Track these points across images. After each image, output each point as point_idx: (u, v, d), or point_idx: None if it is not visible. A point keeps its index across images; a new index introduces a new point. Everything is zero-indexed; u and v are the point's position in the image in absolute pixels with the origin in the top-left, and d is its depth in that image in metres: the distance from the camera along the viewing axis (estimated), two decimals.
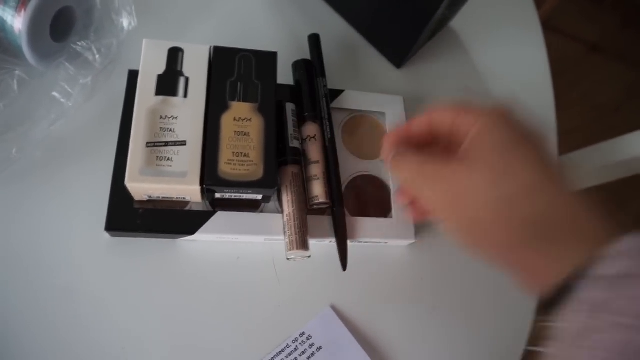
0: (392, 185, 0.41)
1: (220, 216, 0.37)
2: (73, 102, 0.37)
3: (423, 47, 0.49)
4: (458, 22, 0.51)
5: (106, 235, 0.36)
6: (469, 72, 0.50)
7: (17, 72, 0.36)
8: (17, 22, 0.34)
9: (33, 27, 0.34)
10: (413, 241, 0.40)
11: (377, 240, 0.40)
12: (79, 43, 0.37)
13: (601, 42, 1.62)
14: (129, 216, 0.35)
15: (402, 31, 0.44)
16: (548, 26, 1.68)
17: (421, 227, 0.42)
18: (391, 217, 0.40)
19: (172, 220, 0.36)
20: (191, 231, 0.36)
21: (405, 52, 0.46)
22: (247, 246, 0.38)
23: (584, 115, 1.49)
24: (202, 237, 0.37)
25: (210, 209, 0.37)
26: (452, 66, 0.50)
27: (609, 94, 1.54)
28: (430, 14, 0.41)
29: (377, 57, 0.48)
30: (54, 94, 0.37)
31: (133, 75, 0.38)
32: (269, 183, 0.34)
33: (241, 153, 0.34)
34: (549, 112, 0.51)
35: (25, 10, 0.34)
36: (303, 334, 0.37)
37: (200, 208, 0.37)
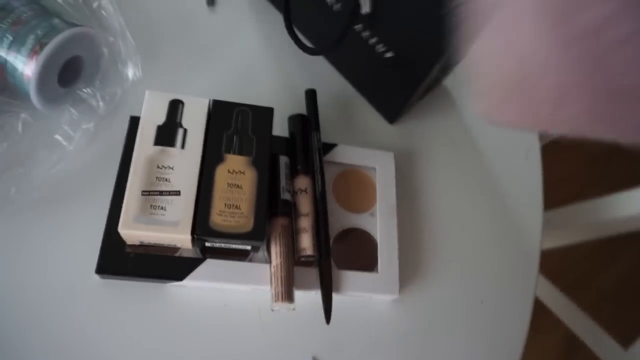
0: (379, 239, 0.42)
1: (210, 264, 0.38)
2: (74, 145, 0.38)
3: (416, 104, 0.50)
4: (451, 80, 0.53)
5: (96, 277, 0.37)
6: (460, 129, 0.52)
7: (22, 115, 0.37)
8: (28, 69, 0.36)
9: (42, 74, 0.36)
10: (397, 297, 0.41)
11: (361, 294, 0.40)
12: (85, 90, 0.39)
13: None
14: (120, 260, 0.36)
15: (395, 90, 0.46)
16: None
17: (404, 282, 0.43)
18: (377, 271, 0.41)
19: (162, 265, 0.37)
20: (180, 277, 0.37)
21: (398, 109, 0.47)
22: (234, 294, 0.39)
23: (577, 163, 1.52)
24: (191, 283, 0.38)
25: (199, 256, 0.38)
26: (444, 123, 0.51)
27: (602, 143, 1.56)
28: (422, 77, 0.42)
29: (371, 113, 0.50)
30: (57, 136, 0.38)
31: (134, 121, 0.39)
32: (258, 236, 0.35)
33: (233, 205, 0.36)
34: (536, 171, 0.52)
35: (36, 58, 0.35)
36: None
37: (190, 254, 0.38)
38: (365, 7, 0.40)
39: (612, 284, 1.35)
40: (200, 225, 0.34)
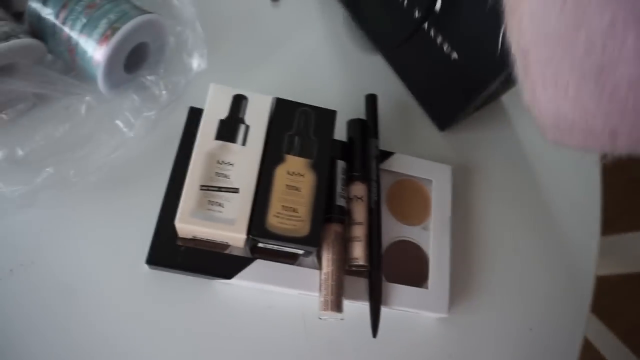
0: (431, 254, 0.41)
1: (259, 264, 0.37)
2: (134, 132, 0.38)
3: (470, 116, 0.49)
4: (508, 96, 0.51)
5: (145, 267, 0.36)
6: (515, 146, 0.50)
7: (87, 98, 0.37)
8: (98, 54, 0.35)
9: (111, 60, 0.36)
10: (445, 315, 0.39)
11: (410, 310, 0.39)
12: (149, 77, 0.39)
13: None
14: (170, 252, 0.36)
15: (454, 95, 0.44)
16: None
17: (454, 302, 0.41)
18: (427, 287, 0.40)
19: (212, 262, 0.36)
20: (228, 275, 0.36)
21: (452, 116, 0.46)
22: (279, 297, 0.38)
23: (624, 188, 1.44)
24: (238, 282, 0.37)
25: (249, 255, 0.37)
26: (498, 137, 0.49)
27: None
28: (484, 85, 0.41)
29: (429, 123, 0.48)
30: (118, 122, 0.38)
31: (193, 113, 0.39)
32: (313, 241, 0.34)
33: (290, 207, 0.35)
34: (595, 195, 0.50)
35: (107, 44, 0.35)
36: None
37: (239, 253, 0.37)
38: (437, 4, 0.39)
39: None
40: (257, 226, 0.34)
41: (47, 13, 0.36)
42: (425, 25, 0.42)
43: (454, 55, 0.41)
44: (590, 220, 0.48)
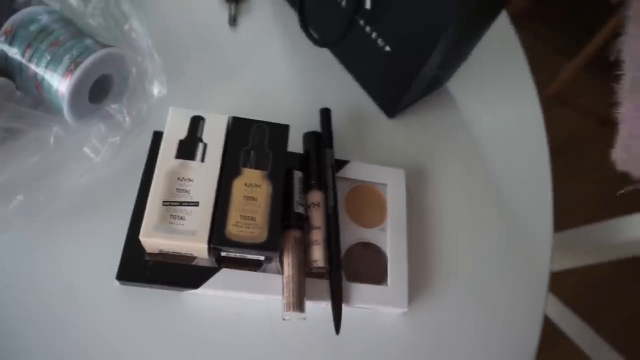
0: (389, 253, 0.43)
1: (224, 273, 0.39)
2: (101, 158, 0.41)
3: (417, 102, 0.53)
4: (453, 84, 0.55)
5: (117, 283, 0.38)
6: (464, 133, 0.54)
7: (55, 129, 0.40)
8: (62, 87, 0.38)
9: (75, 91, 0.39)
10: (406, 310, 0.42)
11: (371, 306, 0.41)
12: (113, 106, 0.42)
13: (612, 116, 1.65)
14: (139, 267, 0.38)
15: (394, 83, 0.48)
16: (560, 100, 1.72)
17: (414, 296, 0.43)
18: (386, 284, 0.42)
19: (179, 274, 0.39)
20: (195, 285, 0.38)
21: (397, 102, 0.50)
22: (247, 303, 0.41)
23: (597, 185, 1.50)
24: (206, 292, 0.39)
25: (215, 265, 0.40)
26: (447, 123, 0.54)
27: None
28: (416, 71, 0.45)
29: (384, 129, 0.51)
30: (85, 149, 0.41)
31: (157, 136, 0.42)
32: (272, 246, 0.37)
33: (248, 216, 0.37)
34: (545, 179, 0.53)
35: (71, 77, 0.38)
36: None
37: (206, 264, 0.40)
38: (367, 3, 0.44)
39: (633, 310, 1.32)
40: (217, 235, 0.36)
41: (14, 52, 0.39)
42: (361, 21, 0.46)
43: (387, 48, 0.45)
44: (543, 209, 0.51)
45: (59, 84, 0.38)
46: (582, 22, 1.75)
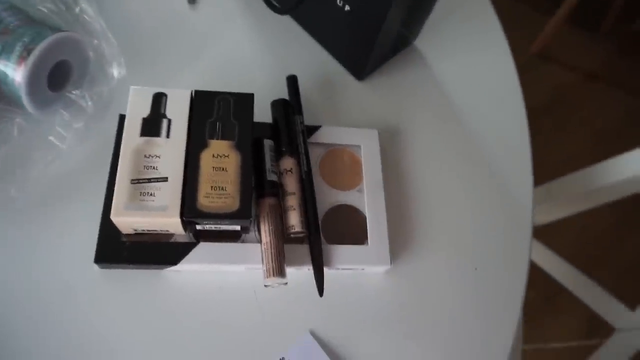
0: (368, 214, 0.43)
1: (203, 247, 0.39)
2: (67, 145, 0.40)
3: (386, 62, 0.53)
4: (421, 42, 0.55)
5: (96, 267, 0.38)
6: (435, 90, 0.53)
7: (17, 120, 0.39)
8: (18, 75, 0.38)
9: (32, 79, 0.38)
10: (389, 267, 0.42)
11: (353, 267, 0.41)
12: (74, 92, 0.41)
13: (598, 70, 1.65)
14: (116, 249, 0.38)
15: (358, 44, 0.48)
16: (546, 56, 1.72)
17: (397, 254, 0.43)
18: (367, 244, 0.42)
19: (157, 251, 0.39)
20: (174, 261, 0.38)
21: (364, 64, 0.49)
22: (229, 275, 0.40)
23: (586, 140, 1.50)
24: (186, 267, 0.39)
25: (193, 240, 0.40)
26: (418, 83, 0.53)
27: (609, 120, 1.56)
28: (377, 29, 0.44)
29: (353, 92, 0.51)
30: (50, 138, 0.40)
31: (123, 119, 0.41)
32: (244, 214, 0.37)
33: (219, 187, 0.37)
34: (523, 130, 0.53)
35: (25, 64, 0.37)
36: (283, 359, 0.38)
37: (184, 240, 0.39)
38: None
39: (630, 259, 1.34)
40: (188, 208, 0.36)
41: None
42: None
43: (347, 7, 0.45)
44: (522, 160, 0.51)
45: (14, 72, 0.38)
46: None
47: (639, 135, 1.52)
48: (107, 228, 0.38)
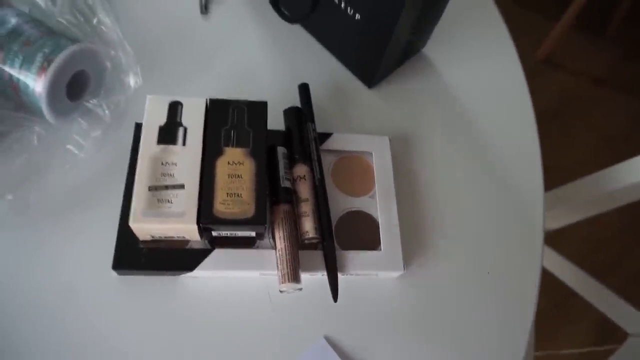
0: (381, 219, 0.43)
1: (218, 253, 0.39)
2: (85, 153, 0.41)
3: (395, 69, 0.53)
4: (430, 50, 0.55)
5: (114, 273, 0.39)
6: (446, 96, 0.54)
7: (36, 129, 0.40)
8: (38, 86, 0.39)
9: (52, 89, 0.39)
10: (402, 272, 0.42)
11: (367, 272, 0.42)
12: (91, 101, 0.42)
13: (605, 76, 1.65)
14: (134, 255, 0.38)
15: (369, 52, 0.48)
16: (551, 62, 1.72)
17: (410, 259, 0.44)
18: (380, 249, 0.42)
19: (173, 258, 0.39)
20: (191, 267, 0.39)
21: (374, 72, 0.50)
22: (243, 281, 0.41)
23: (594, 146, 1.50)
24: (202, 274, 0.40)
25: (208, 247, 0.40)
26: (427, 90, 0.54)
27: (616, 125, 1.55)
28: (388, 37, 0.45)
29: (364, 99, 0.51)
30: (68, 146, 0.41)
31: (139, 127, 0.42)
32: (260, 220, 0.37)
33: (234, 194, 0.38)
34: (532, 135, 0.53)
35: (45, 75, 0.38)
36: None
37: (199, 246, 0.40)
38: None
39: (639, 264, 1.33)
40: (205, 214, 0.37)
41: None
42: None
43: (357, 16, 0.45)
44: (533, 165, 0.51)
45: (35, 82, 0.39)
46: None
47: None
48: (125, 235, 0.39)
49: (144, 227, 0.37)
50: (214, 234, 0.39)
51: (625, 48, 1.71)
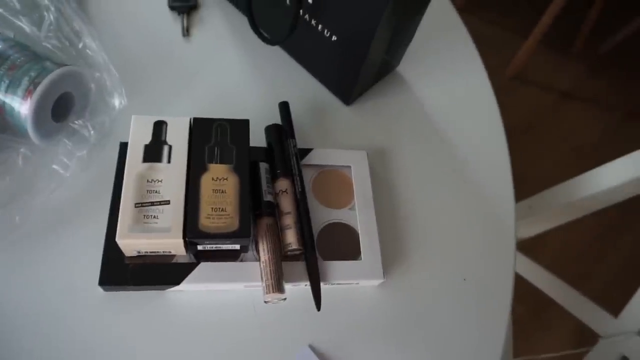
0: (360, 230, 0.45)
1: (203, 267, 0.41)
2: (70, 172, 0.42)
3: (371, 87, 0.56)
4: (405, 69, 0.58)
5: (100, 289, 0.40)
6: (419, 111, 0.56)
7: (21, 150, 0.41)
8: (24, 108, 0.40)
9: (37, 112, 0.40)
10: (382, 280, 0.44)
11: (348, 281, 0.43)
12: (76, 122, 0.43)
13: (572, 89, 1.72)
14: (120, 271, 0.39)
15: (345, 71, 0.51)
16: (521, 78, 1.78)
17: (389, 268, 0.45)
18: (360, 259, 0.44)
19: (159, 272, 0.40)
20: (177, 281, 0.40)
21: (351, 90, 0.52)
22: (229, 293, 0.42)
23: (565, 157, 1.56)
24: (188, 287, 0.41)
25: (194, 260, 0.41)
26: (403, 105, 0.56)
27: (585, 135, 1.62)
28: (363, 56, 0.47)
29: (342, 115, 0.54)
30: (54, 166, 0.42)
31: (123, 146, 0.43)
32: (244, 233, 0.38)
33: (219, 208, 0.39)
34: (502, 148, 0.56)
35: (31, 98, 0.39)
36: None
37: (185, 260, 0.41)
38: None
39: (615, 272, 1.37)
40: (191, 229, 0.38)
41: None
42: (306, 16, 0.49)
43: (334, 37, 0.48)
44: (503, 174, 0.54)
45: (20, 105, 0.40)
46: (529, 2, 1.82)
47: (615, 149, 1.58)
48: (111, 251, 0.39)
49: (131, 243, 0.38)
50: (200, 247, 0.40)
51: (590, 63, 1.79)
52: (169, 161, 0.40)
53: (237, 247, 0.41)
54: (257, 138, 0.46)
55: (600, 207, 0.70)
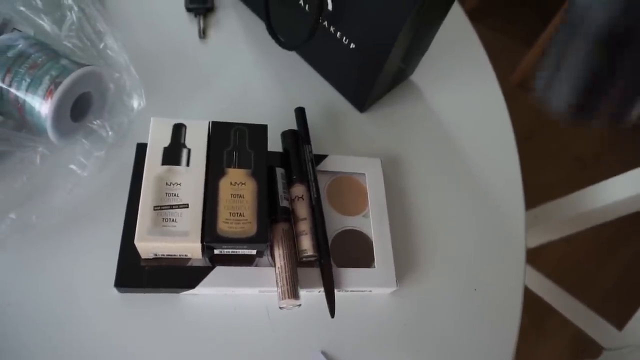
0: (374, 238, 0.45)
1: (219, 271, 0.41)
2: (88, 172, 0.42)
3: (386, 95, 0.56)
4: (417, 76, 0.58)
5: (115, 291, 0.40)
6: (432, 123, 0.57)
7: (39, 149, 0.41)
8: (44, 108, 0.40)
9: (57, 111, 0.40)
10: (395, 288, 0.44)
11: (361, 289, 0.43)
12: (95, 122, 0.43)
13: None
14: (135, 273, 0.39)
15: (361, 78, 0.51)
16: (525, 87, 1.79)
17: (402, 276, 0.46)
18: (374, 267, 0.44)
19: (175, 275, 0.40)
20: (192, 285, 0.40)
21: (366, 97, 0.52)
22: (243, 298, 0.42)
23: (566, 166, 1.57)
24: (202, 291, 0.41)
25: (209, 264, 0.41)
26: (421, 115, 0.56)
27: (586, 145, 1.62)
28: (381, 64, 0.47)
29: (357, 122, 0.54)
30: (71, 166, 0.42)
31: (141, 148, 0.43)
32: (262, 238, 0.39)
33: (237, 213, 0.39)
34: (513, 156, 0.56)
35: (52, 97, 0.39)
36: None
37: (200, 264, 0.41)
38: (329, 5, 0.47)
39: (614, 281, 1.38)
40: (209, 233, 0.38)
41: None
42: (325, 23, 0.49)
43: (352, 45, 0.48)
44: (514, 186, 0.54)
45: (41, 105, 0.40)
46: (534, 11, 1.83)
47: (616, 158, 1.59)
48: (127, 253, 0.39)
49: (149, 246, 0.38)
50: (216, 251, 0.40)
51: None
52: (187, 164, 0.40)
53: (254, 252, 0.41)
54: (272, 143, 0.46)
55: (605, 221, 0.71)
